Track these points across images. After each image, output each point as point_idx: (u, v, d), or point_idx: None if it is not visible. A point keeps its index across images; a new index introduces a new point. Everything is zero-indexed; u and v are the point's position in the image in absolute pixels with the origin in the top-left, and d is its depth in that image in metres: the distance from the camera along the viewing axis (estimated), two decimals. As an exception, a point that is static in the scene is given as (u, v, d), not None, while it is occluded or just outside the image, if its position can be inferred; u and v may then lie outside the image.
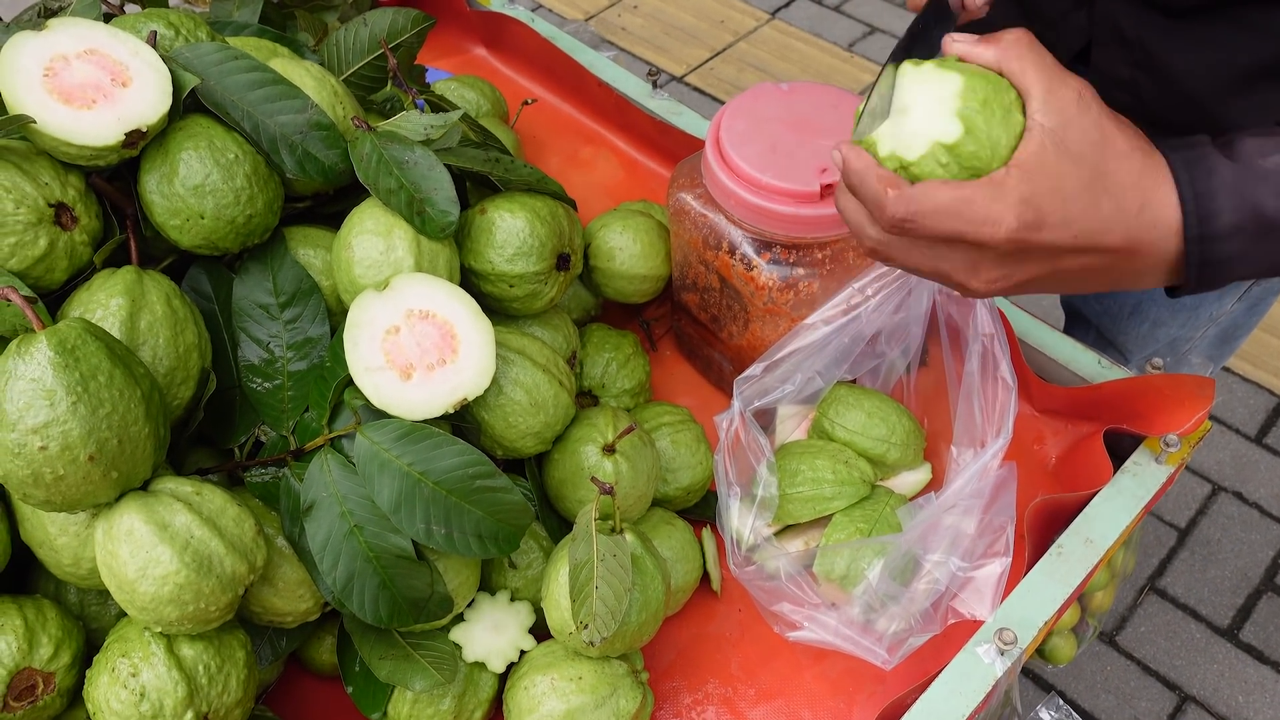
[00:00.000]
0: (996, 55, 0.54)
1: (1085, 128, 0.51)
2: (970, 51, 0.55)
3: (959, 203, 0.51)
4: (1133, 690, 1.56)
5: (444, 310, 0.67)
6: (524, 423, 0.71)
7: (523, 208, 0.75)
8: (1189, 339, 1.05)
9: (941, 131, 0.52)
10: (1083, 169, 0.51)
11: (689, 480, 0.82)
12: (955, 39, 0.55)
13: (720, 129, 0.78)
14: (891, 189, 0.52)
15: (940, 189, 0.51)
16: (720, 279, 0.83)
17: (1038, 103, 0.52)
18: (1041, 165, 0.50)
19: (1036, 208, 0.50)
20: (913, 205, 0.51)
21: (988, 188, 0.50)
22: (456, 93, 1.12)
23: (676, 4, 2.77)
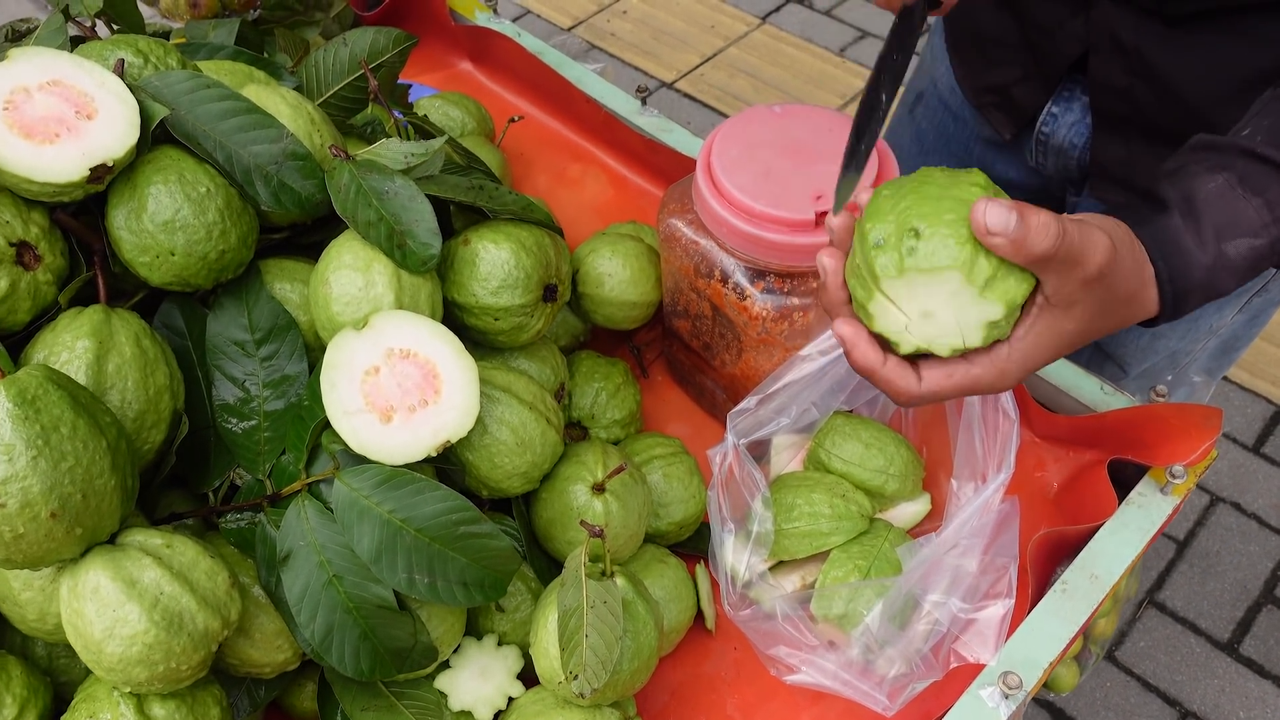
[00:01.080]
0: (1023, 262, 0.51)
1: (1096, 298, 0.54)
2: (1000, 250, 0.51)
3: (968, 382, 0.55)
4: (1133, 707, 1.54)
5: (426, 349, 0.65)
6: (510, 463, 0.68)
7: (508, 238, 0.72)
8: (1189, 351, 1.03)
9: (969, 338, 0.54)
10: (1085, 327, 0.55)
11: (682, 515, 0.80)
12: (991, 229, 0.50)
13: (711, 154, 0.76)
14: (903, 390, 0.56)
15: (949, 381, 0.55)
16: (713, 307, 0.80)
17: (1052, 288, 0.53)
18: (1038, 344, 0.54)
19: (1035, 366, 0.56)
20: (925, 396, 0.56)
21: (991, 369, 0.54)
22: (441, 111, 1.09)
23: (666, 9, 2.75)
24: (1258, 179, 0.58)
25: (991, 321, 0.52)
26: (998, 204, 0.49)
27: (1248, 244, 0.57)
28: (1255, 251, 0.57)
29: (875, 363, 0.55)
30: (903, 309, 0.54)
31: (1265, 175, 0.58)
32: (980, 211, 0.49)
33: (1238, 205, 0.57)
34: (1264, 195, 0.57)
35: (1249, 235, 0.57)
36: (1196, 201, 0.58)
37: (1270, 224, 0.57)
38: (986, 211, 0.49)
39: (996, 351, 0.54)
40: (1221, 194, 0.58)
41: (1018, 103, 0.94)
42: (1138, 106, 0.83)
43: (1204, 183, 0.58)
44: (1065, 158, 0.93)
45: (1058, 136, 0.92)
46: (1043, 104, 0.92)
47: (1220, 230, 0.57)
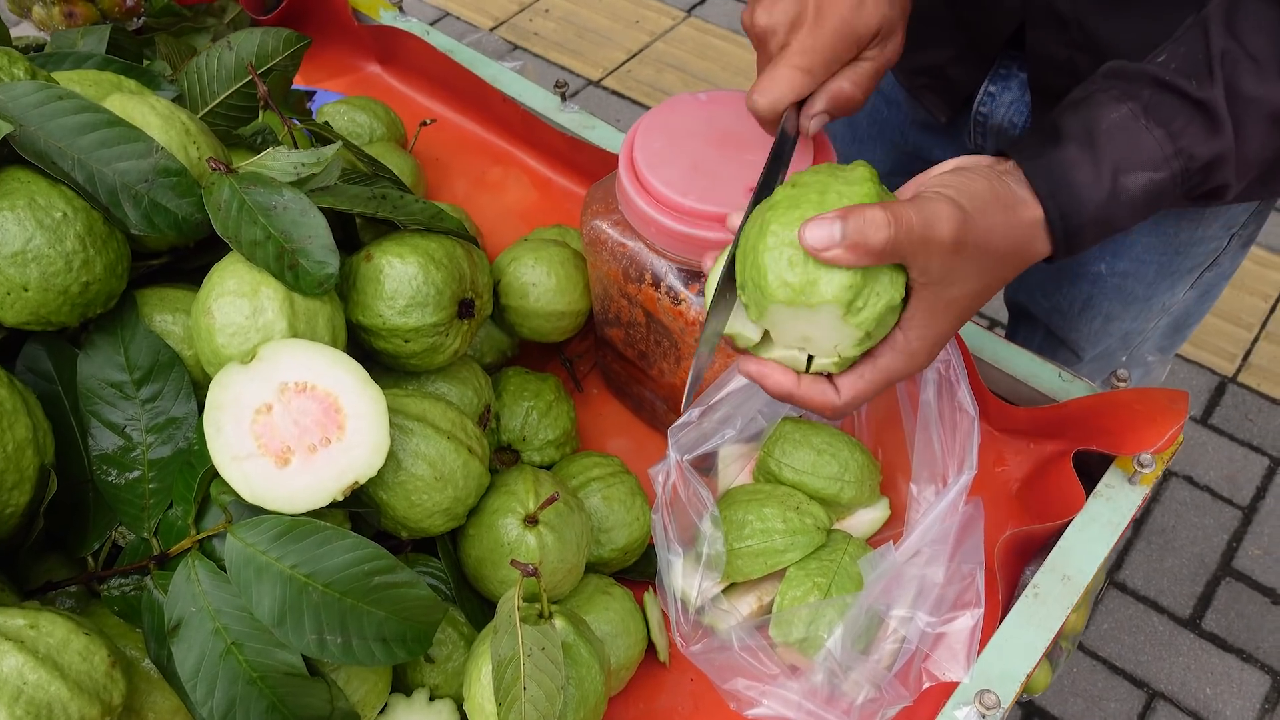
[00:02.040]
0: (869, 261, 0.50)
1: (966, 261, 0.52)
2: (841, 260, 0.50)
3: (883, 376, 0.54)
4: (1100, 692, 1.52)
5: (325, 380, 0.58)
6: (430, 500, 0.62)
7: (414, 251, 0.66)
8: (1142, 331, 1.00)
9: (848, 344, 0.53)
10: (972, 288, 0.54)
11: (625, 540, 0.74)
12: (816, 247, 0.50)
13: (634, 148, 0.70)
14: (826, 406, 0.55)
15: (862, 383, 0.54)
16: (646, 314, 0.74)
17: (916, 271, 0.52)
18: (931, 319, 0.53)
19: (941, 336, 0.54)
20: (851, 406, 0.55)
21: (897, 356, 0.54)
22: (346, 116, 1.02)
23: (589, 6, 2.69)
24: (1163, 109, 0.54)
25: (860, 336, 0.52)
26: (818, 221, 0.49)
27: (1147, 177, 0.54)
28: (1155, 185, 0.54)
29: (790, 385, 0.55)
30: (784, 339, 0.54)
31: (1172, 105, 0.54)
32: (804, 235, 0.50)
33: (1140, 137, 0.54)
34: (1167, 126, 0.54)
35: (1149, 169, 0.54)
36: (1097, 133, 0.54)
37: (1171, 157, 0.54)
38: (807, 233, 0.49)
39: (894, 339, 0.53)
40: (1124, 125, 0.54)
41: (952, 83, 0.89)
42: (1079, 79, 0.79)
43: (1107, 113, 0.55)
44: (1006, 138, 0.89)
45: (996, 116, 0.88)
46: (979, 83, 0.87)
47: (1119, 163, 0.53)
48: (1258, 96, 0.54)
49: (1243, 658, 1.54)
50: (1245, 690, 1.51)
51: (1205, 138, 0.54)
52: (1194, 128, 0.54)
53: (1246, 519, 1.69)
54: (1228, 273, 0.96)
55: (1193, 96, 0.54)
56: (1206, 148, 0.54)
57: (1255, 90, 0.54)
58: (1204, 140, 0.54)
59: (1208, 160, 0.55)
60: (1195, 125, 0.54)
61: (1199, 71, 0.55)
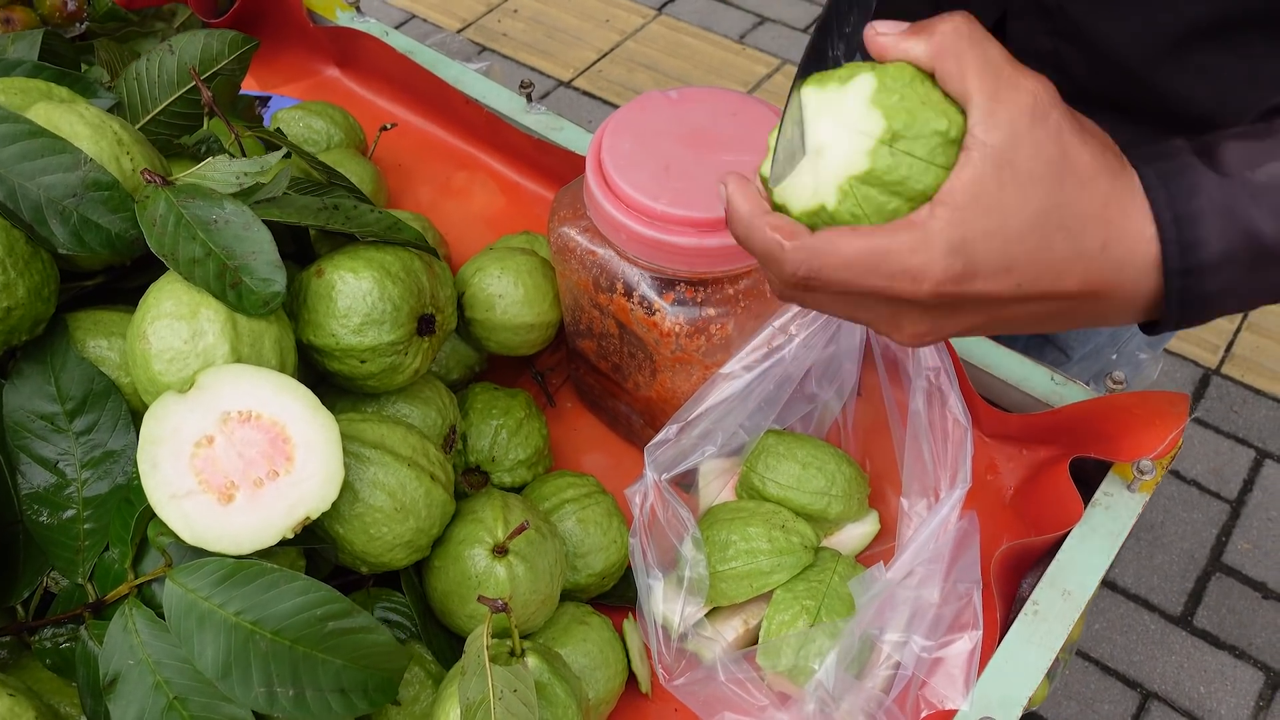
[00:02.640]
0: (928, 50, 0.42)
1: (1039, 144, 0.41)
2: (895, 46, 0.43)
3: (871, 255, 0.41)
4: (1094, 694, 1.49)
5: (271, 408, 0.53)
6: (390, 532, 0.57)
7: (369, 265, 0.61)
8: (1130, 327, 0.97)
9: (856, 160, 0.41)
10: (1031, 200, 0.41)
11: (603, 564, 0.70)
12: (878, 29, 0.43)
13: (602, 150, 0.66)
14: (787, 240, 0.42)
15: (847, 240, 0.41)
16: (618, 325, 0.70)
17: (979, 113, 0.41)
18: (977, 199, 0.40)
19: (968, 256, 0.41)
20: (815, 261, 0.42)
21: (908, 233, 0.41)
22: (302, 123, 0.97)
23: (558, 6, 2.64)
24: None
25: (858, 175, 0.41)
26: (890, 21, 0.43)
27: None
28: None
29: (751, 209, 0.44)
30: (805, 136, 0.43)
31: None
32: (873, 24, 0.42)
33: (1272, 133, 0.42)
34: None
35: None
36: (1215, 140, 0.43)
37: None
38: (877, 23, 0.43)
39: (917, 212, 0.41)
40: (1249, 130, 0.43)
41: None
42: (1066, 72, 0.76)
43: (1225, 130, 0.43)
44: None
45: None
46: None
47: (1245, 158, 0.41)
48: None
49: (1235, 654, 1.52)
50: (1239, 688, 1.49)
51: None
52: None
53: (1235, 513, 1.67)
54: None
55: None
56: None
57: None
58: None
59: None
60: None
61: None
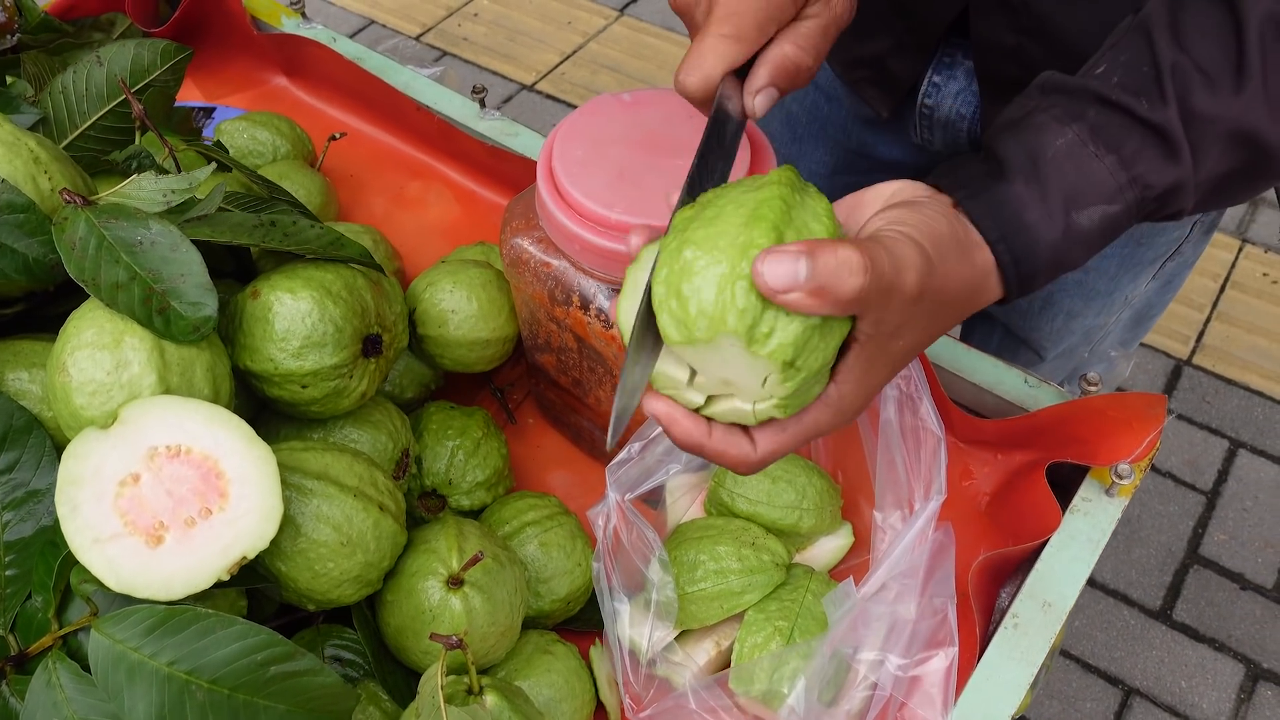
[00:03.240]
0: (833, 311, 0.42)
1: (921, 314, 0.45)
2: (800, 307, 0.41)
3: (806, 431, 0.46)
4: (1075, 692, 1.48)
5: (202, 442, 0.50)
6: (337, 567, 0.54)
7: (308, 284, 0.58)
8: (1103, 326, 0.95)
9: (777, 397, 0.44)
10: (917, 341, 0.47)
11: (567, 589, 0.67)
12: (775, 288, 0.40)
13: (553, 158, 0.63)
14: (741, 461, 0.46)
15: (784, 437, 0.46)
16: (576, 339, 0.68)
17: (869, 324, 0.44)
18: (869, 374, 0.46)
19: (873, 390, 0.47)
20: (765, 461, 0.47)
21: (826, 411, 0.46)
22: (247, 134, 0.94)
23: (519, 8, 2.61)
24: (1112, 131, 0.48)
25: (791, 391, 0.43)
26: (779, 253, 0.40)
27: (1100, 211, 0.47)
28: (1110, 218, 0.48)
29: (700, 436, 0.46)
30: (696, 379, 0.44)
31: (1121, 127, 0.48)
32: (761, 269, 0.40)
33: (1089, 166, 0.47)
34: (1119, 152, 0.47)
35: (1102, 201, 0.47)
36: (1042, 163, 0.47)
37: (1125, 186, 0.47)
38: (766, 267, 0.40)
39: (826, 395, 0.46)
40: (1071, 152, 0.47)
41: (893, 75, 0.83)
42: (1030, 67, 0.74)
43: (1051, 138, 0.48)
44: (954, 130, 0.83)
45: (943, 108, 0.82)
46: (921, 74, 0.82)
47: (1070, 198, 0.47)
48: (1213, 115, 0.47)
49: (1215, 647, 1.51)
50: (1220, 681, 1.48)
51: (1161, 164, 0.48)
52: (1148, 152, 0.48)
53: (1210, 504, 1.66)
54: (1190, 261, 0.91)
55: (1144, 118, 0.47)
56: (1162, 175, 0.48)
57: (1209, 108, 0.47)
58: (1160, 167, 0.48)
59: (1165, 188, 0.48)
60: (1149, 150, 0.48)
61: (1148, 89, 0.48)
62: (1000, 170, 0.48)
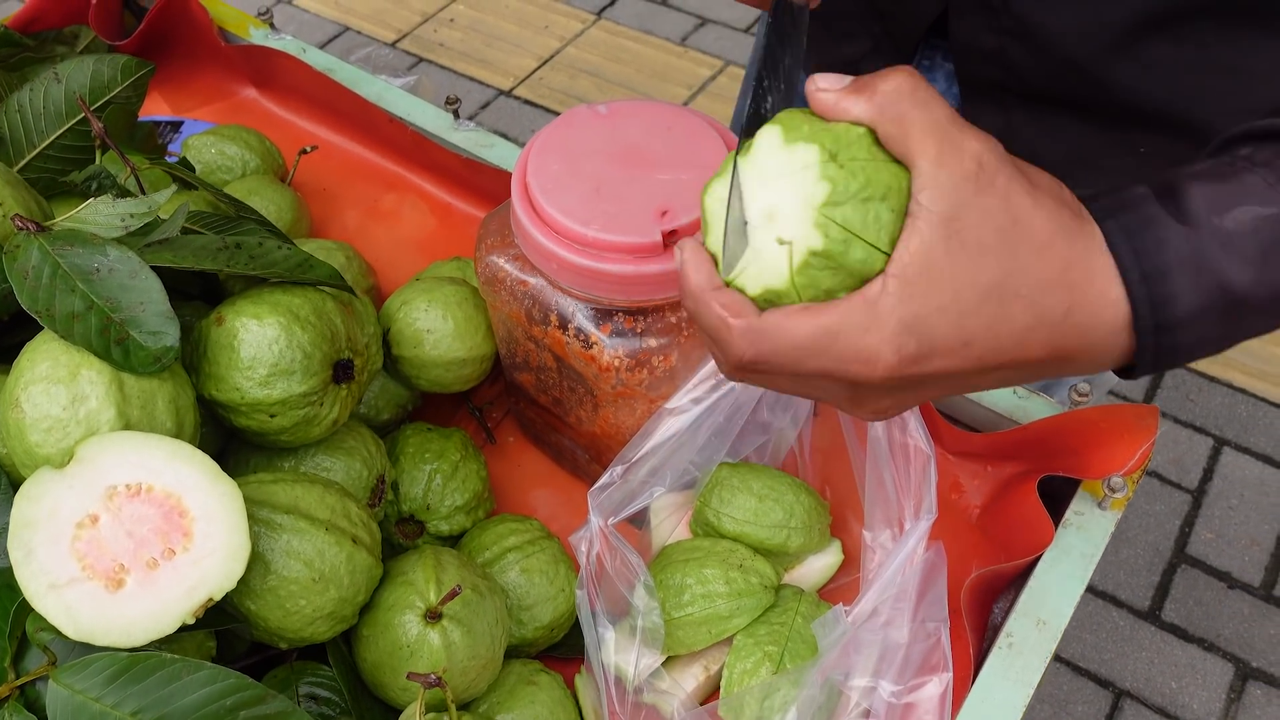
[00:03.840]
0: (869, 111, 0.39)
1: (987, 211, 0.38)
2: (836, 105, 0.40)
3: (821, 336, 0.38)
4: (1066, 695, 1.47)
5: (164, 479, 0.48)
6: (309, 604, 0.52)
7: (274, 310, 0.56)
8: None
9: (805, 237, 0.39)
10: (984, 271, 0.38)
11: (551, 615, 0.65)
12: (819, 85, 0.40)
13: (527, 173, 0.61)
14: (734, 318, 0.40)
15: (796, 320, 0.39)
16: (556, 358, 0.66)
17: (924, 179, 0.38)
18: (926, 271, 0.38)
19: (921, 334, 0.38)
20: (763, 343, 0.39)
21: (859, 312, 0.38)
22: (215, 149, 0.91)
23: (495, 13, 2.59)
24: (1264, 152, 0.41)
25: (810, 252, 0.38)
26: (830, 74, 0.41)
27: (1253, 213, 0.39)
28: (1267, 222, 0.39)
29: (704, 283, 0.41)
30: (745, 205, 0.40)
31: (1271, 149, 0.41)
32: (813, 78, 0.40)
33: (1236, 173, 0.41)
34: (1270, 165, 0.40)
35: (1255, 204, 0.39)
36: (1178, 183, 0.41)
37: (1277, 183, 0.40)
38: (817, 76, 0.41)
39: (868, 287, 0.39)
40: (1212, 170, 0.41)
41: None
42: (1012, 69, 0.73)
43: (1186, 168, 0.41)
44: None
45: None
46: None
47: (1212, 203, 0.40)
48: None
49: (1204, 647, 1.51)
50: (1210, 680, 1.48)
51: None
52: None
53: (1196, 502, 1.66)
54: None
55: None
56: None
57: None
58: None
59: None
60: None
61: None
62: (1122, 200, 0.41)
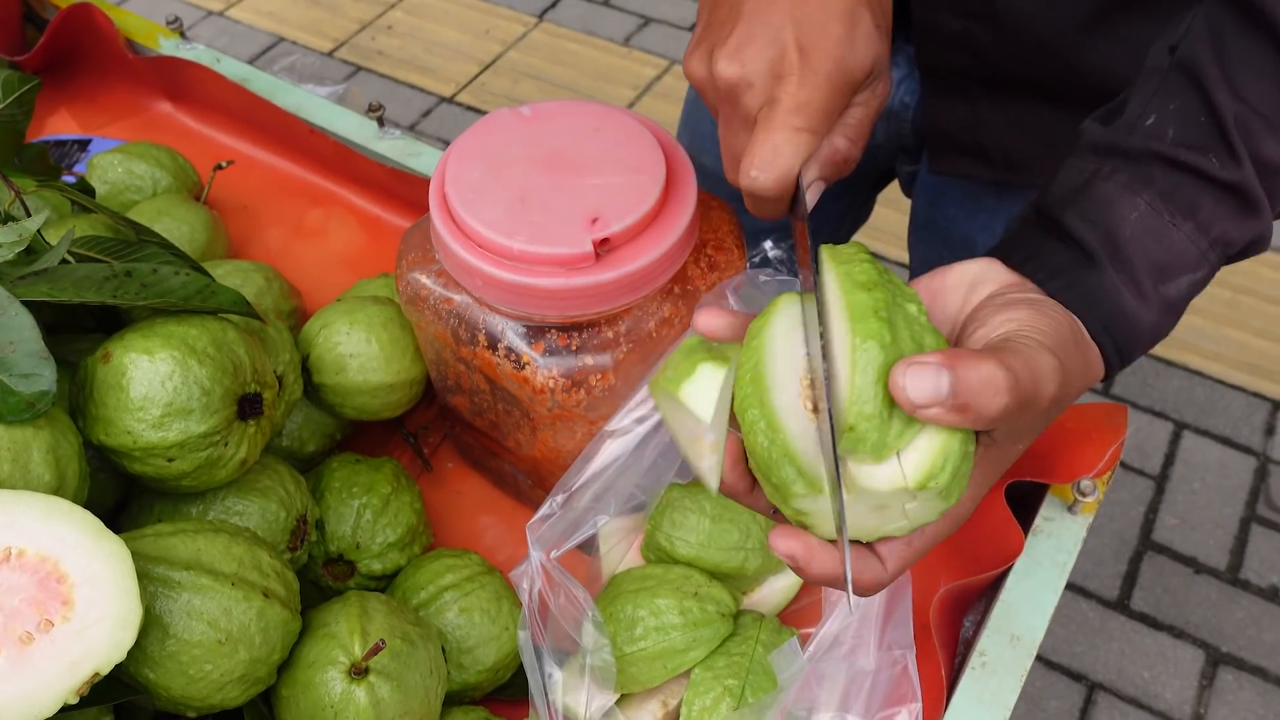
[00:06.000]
0: (974, 425, 0.40)
1: (1041, 424, 0.44)
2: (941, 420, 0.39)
3: (927, 542, 0.44)
4: (1039, 691, 1.45)
5: (39, 542, 0.43)
6: (216, 669, 0.47)
7: (166, 343, 0.51)
8: None
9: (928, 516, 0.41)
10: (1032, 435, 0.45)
11: (495, 657, 0.61)
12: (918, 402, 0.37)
13: (446, 183, 0.57)
14: (867, 575, 0.43)
15: (908, 548, 0.44)
16: (487, 379, 0.61)
17: (1001, 432, 0.42)
18: (986, 480, 0.44)
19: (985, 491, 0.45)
20: (895, 572, 0.44)
21: (946, 521, 0.44)
22: (122, 167, 0.86)
23: (435, 19, 2.53)
24: (1185, 195, 0.45)
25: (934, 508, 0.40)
26: (920, 367, 0.37)
27: (1188, 280, 0.46)
28: (1195, 284, 0.46)
29: (837, 566, 0.43)
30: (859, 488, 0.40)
31: (1193, 189, 0.45)
32: (899, 380, 0.37)
33: (1169, 236, 0.45)
34: (1194, 217, 0.45)
35: (1188, 271, 0.46)
36: (1123, 241, 0.45)
37: (1207, 250, 0.46)
38: (907, 380, 0.37)
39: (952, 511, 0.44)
40: (1148, 225, 0.45)
41: None
42: (977, 54, 0.69)
43: (1125, 211, 0.45)
44: (898, 121, 0.79)
45: None
46: None
47: (1158, 273, 0.45)
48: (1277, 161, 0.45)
49: (1174, 634, 1.50)
50: (1181, 669, 1.46)
51: (1240, 221, 0.46)
52: (1223, 211, 0.45)
53: (1159, 488, 1.65)
54: None
55: (1217, 178, 0.45)
56: (1242, 232, 0.46)
57: (1275, 154, 0.45)
58: (1239, 224, 0.46)
59: (1246, 243, 0.46)
60: (1224, 208, 0.45)
61: (1213, 144, 0.45)
62: (1087, 258, 0.45)
